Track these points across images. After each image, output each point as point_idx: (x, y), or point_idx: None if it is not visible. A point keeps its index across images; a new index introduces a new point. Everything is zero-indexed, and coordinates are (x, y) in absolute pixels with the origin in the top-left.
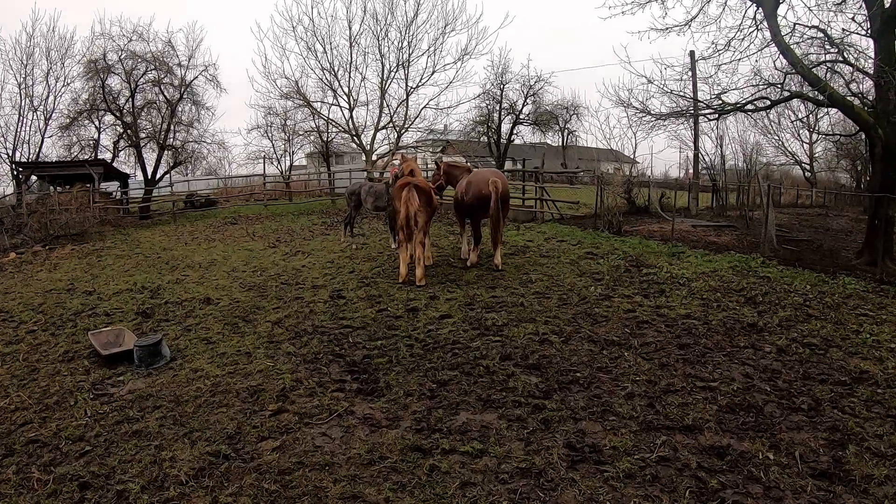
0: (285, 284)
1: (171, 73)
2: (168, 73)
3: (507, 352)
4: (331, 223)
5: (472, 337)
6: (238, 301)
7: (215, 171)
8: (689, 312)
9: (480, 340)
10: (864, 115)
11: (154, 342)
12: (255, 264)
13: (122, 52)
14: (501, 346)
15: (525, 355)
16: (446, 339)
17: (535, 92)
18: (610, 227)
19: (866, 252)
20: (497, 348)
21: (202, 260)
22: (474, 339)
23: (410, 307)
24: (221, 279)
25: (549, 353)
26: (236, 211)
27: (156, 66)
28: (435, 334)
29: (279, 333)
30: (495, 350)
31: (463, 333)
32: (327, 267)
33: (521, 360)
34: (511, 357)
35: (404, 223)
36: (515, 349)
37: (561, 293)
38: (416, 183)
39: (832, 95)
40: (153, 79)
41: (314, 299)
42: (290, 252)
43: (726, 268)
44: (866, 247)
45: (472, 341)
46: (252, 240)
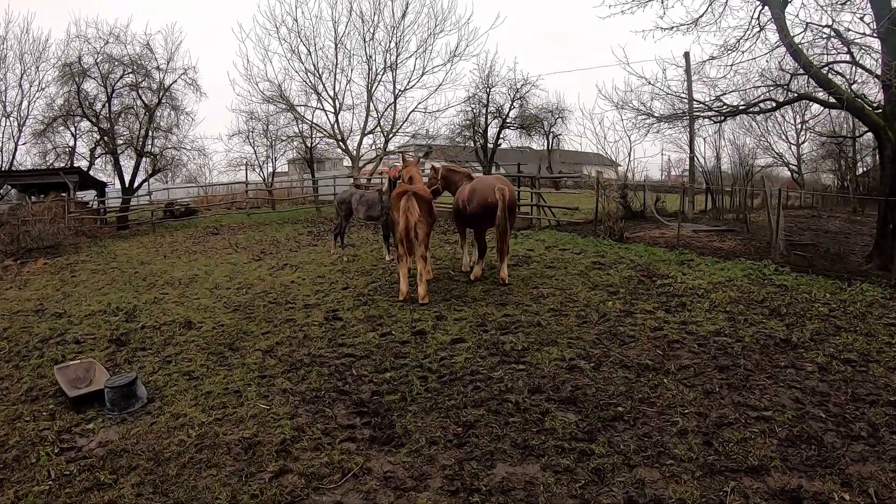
0: (274, 304)
1: (150, 77)
2: (146, 77)
3: (534, 383)
4: (318, 232)
5: (492, 365)
6: (223, 324)
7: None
8: (719, 328)
9: (502, 369)
10: (875, 118)
11: (127, 382)
12: (240, 280)
13: (99, 55)
14: (527, 376)
15: (556, 386)
16: (463, 369)
17: (521, 95)
18: (611, 233)
19: (876, 256)
20: (523, 379)
21: (182, 275)
22: (495, 368)
23: (417, 330)
24: (204, 298)
25: (581, 382)
26: (218, 220)
27: (133, 70)
28: (450, 363)
29: (272, 365)
30: (521, 381)
31: (481, 361)
32: (318, 282)
33: (552, 392)
34: (541, 389)
35: (403, 235)
36: (543, 379)
37: (578, 309)
38: (415, 191)
39: (842, 97)
40: (131, 83)
41: (307, 321)
42: (277, 265)
43: (740, 276)
44: (876, 251)
45: (493, 371)
46: (235, 252)
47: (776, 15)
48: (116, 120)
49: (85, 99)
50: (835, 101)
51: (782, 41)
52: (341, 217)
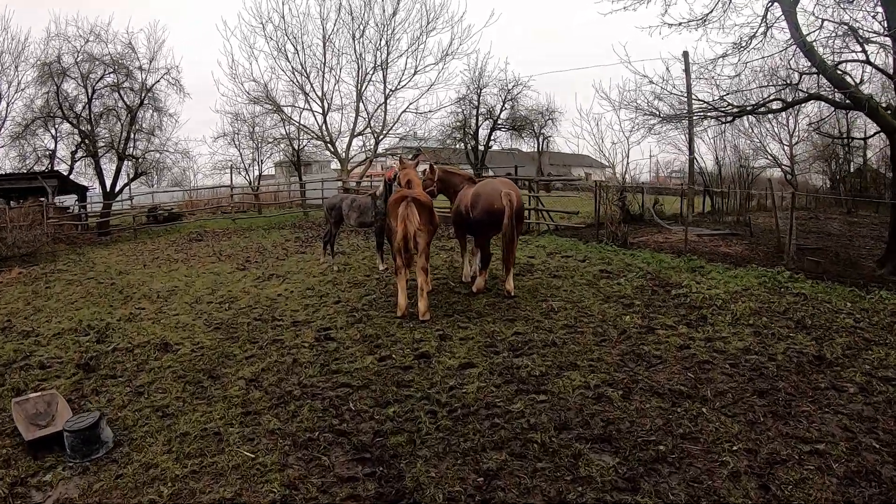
0: (259, 321)
1: (132, 77)
2: (128, 77)
3: (560, 417)
4: (306, 238)
5: (509, 395)
6: (202, 346)
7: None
8: (747, 346)
9: (521, 401)
10: (890, 119)
11: (89, 425)
12: (223, 293)
13: (79, 54)
14: (551, 409)
15: (584, 421)
16: (477, 401)
17: (513, 97)
18: (614, 239)
19: (889, 262)
20: (546, 412)
21: (161, 287)
22: (513, 399)
23: (420, 352)
24: (182, 314)
25: (612, 415)
26: (202, 225)
27: (115, 69)
28: (460, 393)
29: (257, 398)
30: (545, 415)
31: (495, 390)
32: (307, 295)
33: (582, 429)
34: (568, 425)
35: (402, 245)
36: (569, 412)
37: (594, 325)
38: (415, 196)
39: (857, 98)
40: (112, 83)
41: (297, 343)
42: (263, 276)
43: (756, 284)
44: (889, 256)
45: (510, 402)
46: (219, 260)
47: (787, 11)
48: (98, 122)
49: (65, 100)
50: (847, 102)
51: (794, 39)
52: (331, 223)
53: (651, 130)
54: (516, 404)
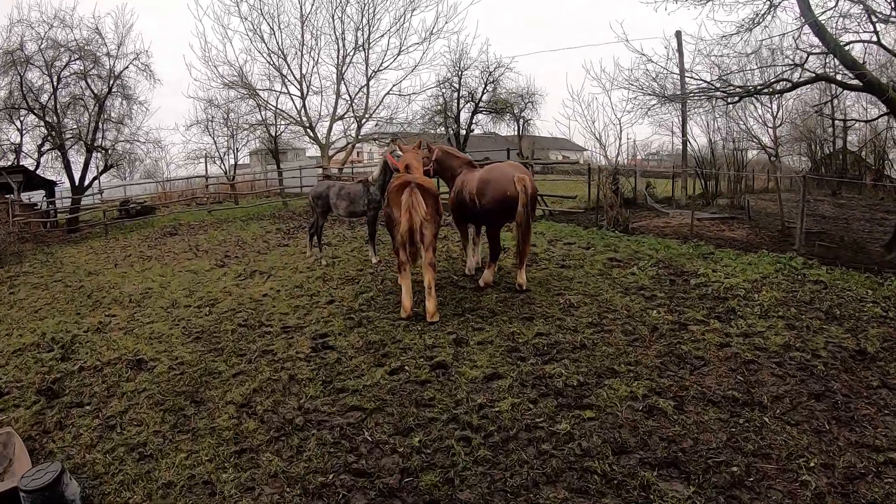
0: (245, 327)
1: (99, 64)
2: (95, 64)
3: (614, 438)
4: (287, 230)
5: (550, 413)
6: (182, 362)
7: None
8: (787, 341)
9: (566, 419)
10: None
11: (51, 482)
12: (202, 294)
13: (43, 41)
14: (601, 427)
15: (643, 441)
16: (515, 421)
17: (495, 79)
18: (616, 224)
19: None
20: (597, 432)
21: (134, 290)
22: (555, 417)
23: (435, 362)
24: (158, 322)
25: (670, 431)
26: (176, 218)
27: (81, 56)
28: (493, 413)
29: (251, 430)
30: (597, 436)
31: (532, 407)
32: (296, 295)
33: (642, 451)
34: (626, 447)
35: (406, 238)
36: (622, 430)
37: (621, 322)
38: (419, 182)
39: (868, 80)
40: (78, 70)
41: (290, 354)
42: (245, 273)
43: (772, 272)
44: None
45: (554, 421)
46: (196, 256)
47: None
48: (65, 112)
49: (29, 91)
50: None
51: (805, 18)
52: (317, 214)
53: (648, 112)
54: (561, 424)
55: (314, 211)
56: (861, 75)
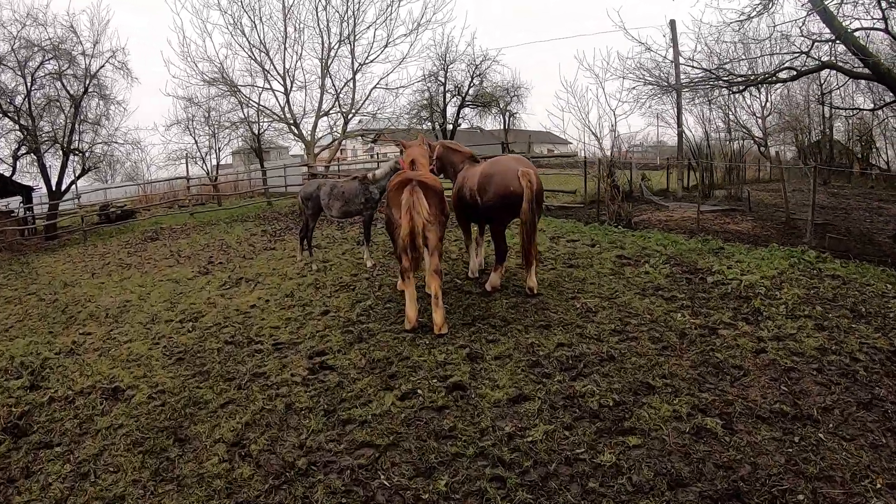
0: (232, 344)
1: (74, 63)
2: (70, 64)
3: (667, 468)
4: (273, 232)
5: (590, 440)
6: (163, 390)
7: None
8: (821, 344)
9: (608, 447)
10: None
11: None
12: (184, 307)
13: (15, 41)
14: (649, 456)
15: (698, 471)
16: (551, 453)
17: (481, 72)
18: (618, 219)
19: None
20: (645, 462)
21: (111, 303)
22: (596, 447)
23: (451, 383)
24: (136, 340)
25: (724, 455)
26: (157, 222)
27: (55, 55)
28: (525, 444)
29: (247, 477)
30: (647, 467)
31: (568, 434)
32: (287, 305)
33: (700, 483)
34: (682, 480)
35: (408, 242)
36: (673, 458)
37: (646, 328)
38: (421, 179)
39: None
40: (53, 71)
41: (285, 377)
42: (230, 280)
43: (787, 267)
44: None
45: (595, 452)
46: (177, 263)
47: None
48: (40, 114)
49: (3, 93)
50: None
51: (813, 4)
52: (307, 216)
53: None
54: (604, 454)
55: (304, 213)
56: (873, 63)
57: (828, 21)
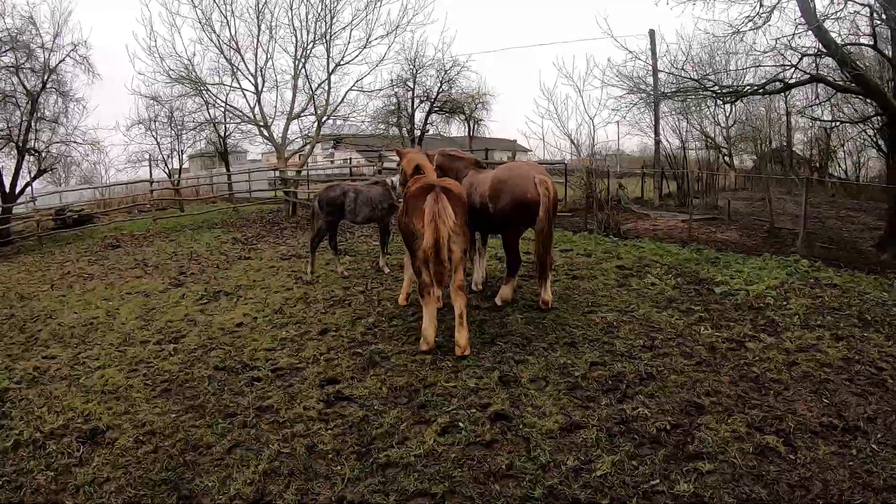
0: (224, 371)
1: (33, 57)
2: (29, 57)
3: (745, 493)
4: (246, 240)
5: (660, 468)
6: (152, 431)
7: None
8: (844, 354)
9: (681, 475)
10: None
11: None
12: (160, 324)
13: None
14: (723, 481)
15: (774, 493)
16: (625, 487)
17: (450, 78)
18: (607, 228)
19: (891, 247)
20: (723, 488)
21: (76, 319)
22: (669, 475)
23: (491, 412)
24: (110, 366)
25: (794, 474)
26: (118, 228)
27: (13, 47)
28: (595, 480)
29: None
30: (726, 493)
31: (636, 464)
32: (279, 322)
33: None
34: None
35: (431, 255)
36: (744, 481)
37: (675, 344)
38: (446, 185)
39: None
40: (9, 64)
41: (298, 412)
42: (208, 294)
43: (785, 276)
44: (889, 241)
45: (671, 482)
46: (145, 273)
47: None
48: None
49: None
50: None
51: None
52: (325, 222)
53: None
54: (680, 483)
55: (320, 218)
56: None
57: (821, 37)
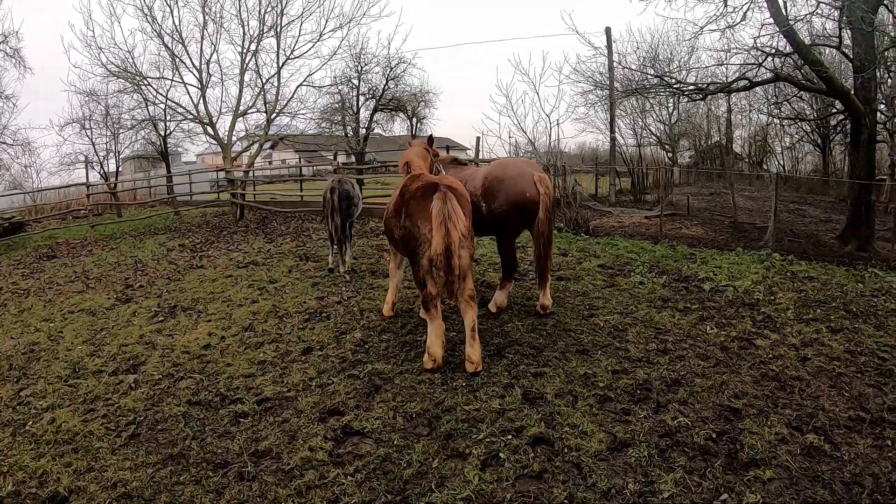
0: (200, 405)
1: None
2: None
3: (809, 497)
4: (194, 246)
5: (723, 482)
6: (127, 493)
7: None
8: (847, 347)
9: (747, 486)
10: (858, 103)
11: None
12: (112, 349)
13: None
14: (785, 488)
15: (833, 492)
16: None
17: (397, 75)
18: (576, 225)
19: (853, 239)
20: (787, 494)
21: (13, 346)
22: (734, 488)
23: (528, 436)
24: (61, 406)
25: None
26: (51, 236)
27: None
28: (663, 503)
29: None
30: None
31: (699, 480)
32: (251, 342)
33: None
34: None
35: (441, 263)
36: (802, 484)
37: (686, 345)
38: (449, 184)
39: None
40: None
41: (304, 455)
42: (162, 310)
43: (763, 270)
44: (851, 233)
45: (737, 496)
46: (87, 287)
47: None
48: None
49: None
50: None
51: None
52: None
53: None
54: (748, 495)
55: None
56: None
57: (791, 38)
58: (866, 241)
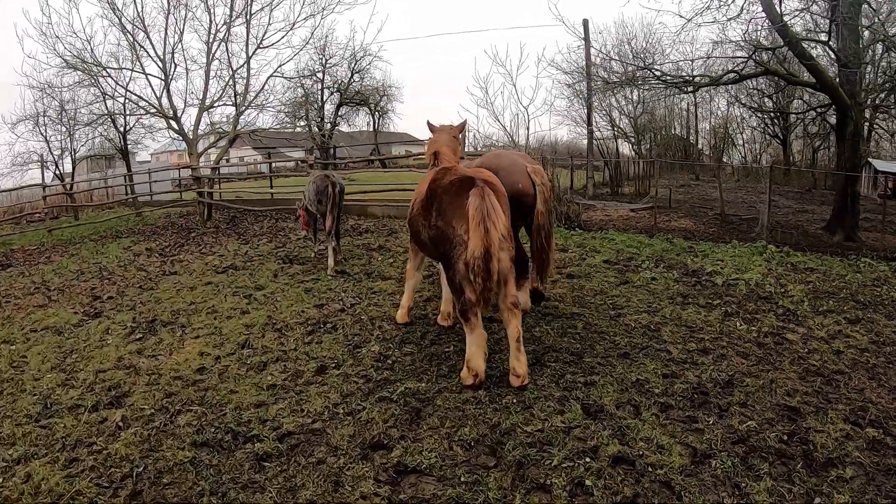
0: (208, 447)
1: None
2: None
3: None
4: (162, 250)
5: (808, 485)
6: None
7: None
8: (870, 338)
9: (834, 488)
10: (845, 97)
11: None
12: (88, 376)
13: None
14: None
15: None
16: None
17: (362, 68)
18: (568, 220)
19: (840, 229)
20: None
21: None
22: (822, 491)
23: (604, 455)
24: (38, 457)
25: None
26: (6, 243)
27: None
28: None
29: None
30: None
31: (786, 486)
32: (252, 360)
33: None
34: None
35: (480, 267)
36: (878, 479)
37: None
38: (486, 179)
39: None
40: None
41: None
42: (140, 325)
43: (765, 262)
44: (837, 223)
45: (827, 499)
46: (50, 301)
47: None
48: None
49: None
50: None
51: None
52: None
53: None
54: (833, 496)
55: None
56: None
57: (783, 33)
58: (852, 230)
